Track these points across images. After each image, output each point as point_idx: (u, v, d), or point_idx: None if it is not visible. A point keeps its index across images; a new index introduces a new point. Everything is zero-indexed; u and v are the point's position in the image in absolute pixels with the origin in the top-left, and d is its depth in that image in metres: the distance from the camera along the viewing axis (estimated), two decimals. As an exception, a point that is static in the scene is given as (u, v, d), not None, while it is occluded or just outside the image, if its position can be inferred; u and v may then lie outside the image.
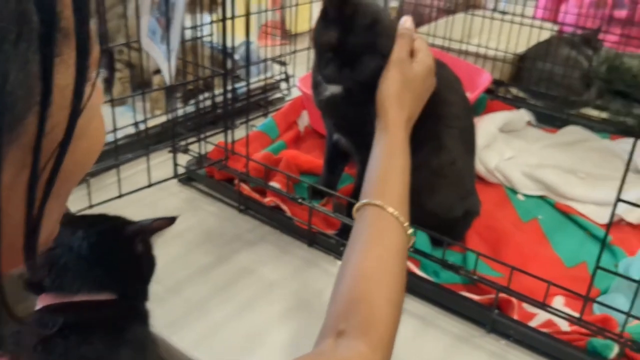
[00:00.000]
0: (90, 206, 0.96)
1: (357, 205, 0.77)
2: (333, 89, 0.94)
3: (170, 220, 0.74)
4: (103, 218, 0.75)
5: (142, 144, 1.14)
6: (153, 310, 0.74)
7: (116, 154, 0.94)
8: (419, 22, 1.82)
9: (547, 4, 2.40)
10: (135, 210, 1.12)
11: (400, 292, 0.70)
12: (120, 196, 0.93)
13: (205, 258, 1.01)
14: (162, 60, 1.00)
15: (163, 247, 1.05)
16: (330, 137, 1.07)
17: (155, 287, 0.91)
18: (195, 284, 0.96)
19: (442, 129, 0.98)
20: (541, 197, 1.26)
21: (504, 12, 1.70)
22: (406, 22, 0.89)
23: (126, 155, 1.14)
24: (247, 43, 1.25)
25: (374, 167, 0.80)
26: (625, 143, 1.43)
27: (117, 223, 0.74)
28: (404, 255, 0.73)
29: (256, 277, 0.98)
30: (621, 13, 2.01)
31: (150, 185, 0.97)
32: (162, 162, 1.18)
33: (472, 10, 1.87)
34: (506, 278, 0.88)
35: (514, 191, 1.27)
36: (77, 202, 0.95)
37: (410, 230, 0.75)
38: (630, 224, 1.16)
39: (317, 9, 1.36)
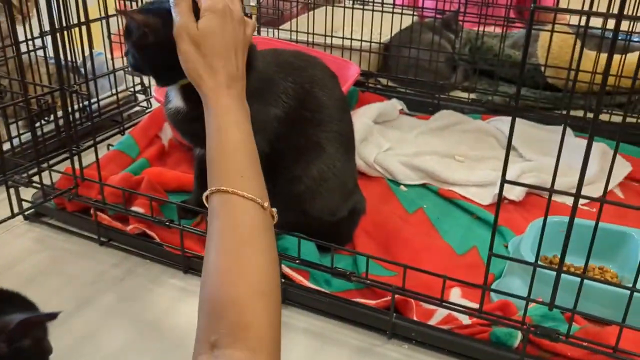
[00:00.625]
0: None
1: (204, 196, 0.68)
2: (176, 103, 0.87)
3: (50, 316, 0.59)
4: None
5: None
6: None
7: None
8: (280, 20, 1.75)
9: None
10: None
11: (271, 277, 0.62)
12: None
13: (65, 305, 0.86)
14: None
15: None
16: (197, 151, 0.97)
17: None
18: (54, 337, 0.81)
19: (321, 134, 0.92)
20: (423, 186, 1.23)
21: (364, 2, 1.66)
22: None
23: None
24: (90, 54, 1.12)
25: (208, 149, 0.71)
26: (497, 121, 1.44)
27: None
28: (266, 234, 0.66)
29: (127, 318, 0.85)
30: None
31: (-19, 231, 0.81)
32: (3, 200, 1.01)
33: (333, 3, 1.83)
34: (400, 277, 0.82)
35: (396, 183, 1.22)
36: None
37: (266, 203, 0.67)
38: (512, 202, 1.16)
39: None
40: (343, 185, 0.98)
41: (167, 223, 0.92)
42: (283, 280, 0.88)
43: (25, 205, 1.01)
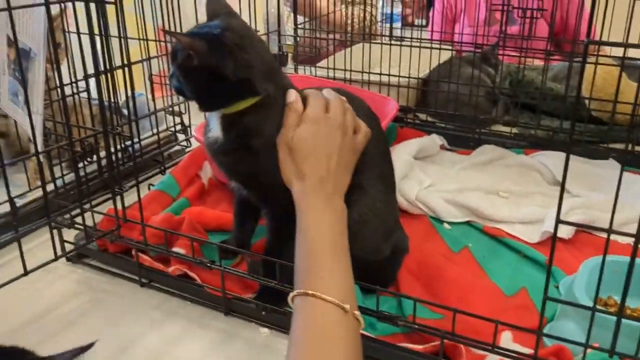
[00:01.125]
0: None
1: (289, 297, 0.71)
2: (215, 133, 0.86)
3: (87, 347, 0.59)
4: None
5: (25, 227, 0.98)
6: None
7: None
8: (317, 58, 1.76)
9: (440, 27, 2.43)
10: (17, 301, 0.96)
11: None
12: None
13: (105, 347, 0.86)
14: (27, 123, 0.85)
15: (55, 338, 0.89)
16: (235, 189, 0.96)
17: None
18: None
19: (361, 177, 0.90)
20: (468, 223, 1.19)
21: (401, 38, 1.66)
22: (289, 97, 0.84)
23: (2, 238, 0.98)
24: (132, 95, 1.13)
25: (297, 247, 0.75)
26: (540, 156, 1.40)
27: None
28: (346, 338, 0.66)
29: (169, 361, 0.84)
30: (513, 29, 2.05)
31: (26, 273, 0.81)
32: (47, 241, 1.02)
33: (370, 39, 1.83)
34: (448, 319, 0.79)
35: (439, 220, 1.19)
36: None
37: (347, 306, 0.67)
38: (561, 240, 1.11)
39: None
40: (384, 225, 0.96)
41: (208, 264, 0.91)
42: (326, 323, 0.85)
43: (68, 247, 1.02)
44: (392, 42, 1.63)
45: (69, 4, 0.94)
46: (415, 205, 1.21)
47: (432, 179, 1.31)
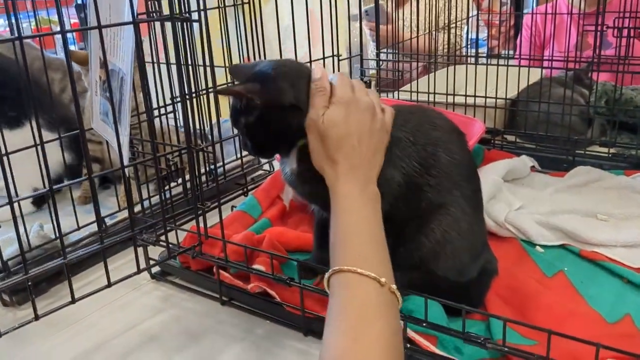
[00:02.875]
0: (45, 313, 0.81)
1: (325, 279, 0.70)
2: (291, 165, 0.86)
3: None
4: None
5: (111, 240, 1.01)
6: None
7: (64, 256, 0.79)
8: (399, 82, 1.73)
9: (529, 51, 2.35)
10: (104, 315, 0.99)
11: (391, 357, 0.62)
12: (73, 301, 0.79)
13: (185, 364, 0.85)
14: (115, 140, 0.88)
15: (137, 354, 0.90)
16: (315, 210, 0.96)
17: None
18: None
19: (445, 197, 0.88)
20: (562, 247, 1.11)
21: (487, 60, 1.61)
22: (315, 73, 0.82)
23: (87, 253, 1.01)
24: (217, 121, 1.16)
25: (331, 234, 0.75)
26: (643, 176, 1.30)
27: None
28: (385, 311, 0.66)
29: (246, 380, 0.82)
30: (607, 53, 1.95)
31: (110, 285, 0.82)
32: (134, 260, 1.04)
33: (455, 62, 1.80)
34: (541, 345, 0.72)
35: (531, 243, 1.12)
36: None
37: (383, 279, 0.67)
38: (669, 264, 1.01)
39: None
40: (470, 246, 0.91)
41: (288, 281, 0.89)
42: (408, 345, 0.81)
43: (152, 263, 1.03)
44: (477, 67, 1.59)
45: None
46: (505, 228, 1.14)
47: (522, 201, 1.24)
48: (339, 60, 1.49)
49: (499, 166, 1.34)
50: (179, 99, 1.00)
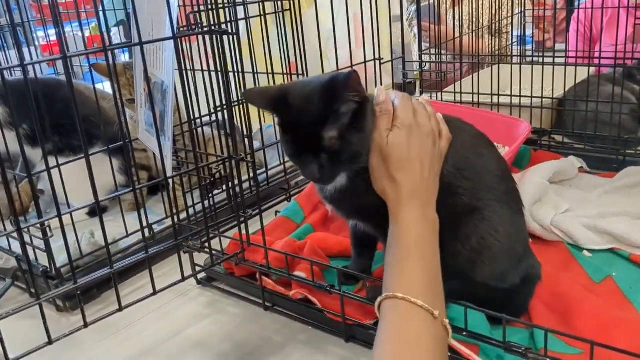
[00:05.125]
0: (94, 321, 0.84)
1: (376, 303, 0.70)
2: (333, 185, 0.85)
3: None
4: None
5: (155, 249, 1.04)
6: None
7: (110, 265, 0.82)
8: (443, 83, 1.72)
9: (579, 46, 2.28)
10: (151, 321, 1.02)
11: None
12: (120, 309, 0.82)
13: (228, 370, 0.87)
14: (162, 151, 0.91)
15: (181, 357, 0.93)
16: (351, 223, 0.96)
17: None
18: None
19: (478, 202, 0.86)
20: (611, 251, 1.08)
21: (541, 54, 1.58)
22: (379, 96, 0.82)
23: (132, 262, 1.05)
24: (260, 127, 1.17)
25: (386, 255, 0.75)
26: (698, 177, 1.25)
27: None
28: (433, 344, 0.65)
29: (287, 386, 0.83)
30: (660, 45, 1.87)
31: (155, 293, 0.85)
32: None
33: (499, 61, 1.77)
34: (586, 354, 0.71)
35: (579, 248, 1.10)
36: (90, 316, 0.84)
37: (437, 312, 0.67)
38: None
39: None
40: (510, 250, 0.89)
41: (328, 288, 0.90)
42: (450, 354, 0.80)
43: (197, 270, 1.06)
44: (524, 62, 1.56)
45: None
46: (551, 231, 1.12)
47: (569, 203, 1.21)
48: (381, 63, 1.49)
49: (546, 167, 1.31)
50: (220, 108, 1.03)
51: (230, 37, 0.92)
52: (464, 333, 0.78)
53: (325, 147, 0.76)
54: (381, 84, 1.53)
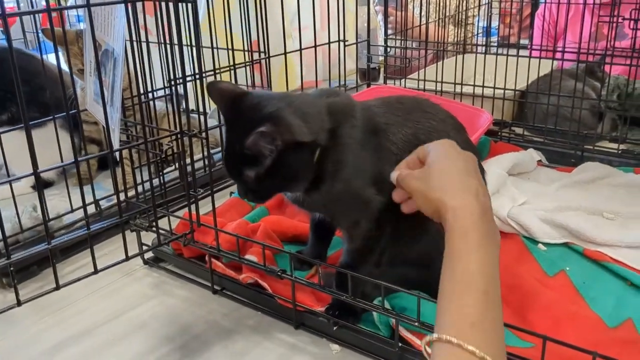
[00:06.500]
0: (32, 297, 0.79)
1: (424, 341, 0.60)
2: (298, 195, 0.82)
3: None
4: None
5: (98, 225, 1.00)
6: None
7: (48, 241, 0.77)
8: (407, 70, 1.70)
9: (542, 41, 2.29)
10: (94, 301, 0.97)
11: None
12: (57, 287, 0.77)
13: (173, 355, 0.83)
14: (109, 122, 0.86)
15: (123, 342, 0.89)
16: None
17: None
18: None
19: None
20: (566, 245, 1.08)
21: (497, 53, 1.57)
22: (394, 177, 0.76)
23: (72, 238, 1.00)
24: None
25: (442, 279, 0.63)
26: (653, 175, 1.26)
27: None
28: None
29: (232, 373, 0.80)
30: (623, 44, 1.89)
31: (96, 272, 0.80)
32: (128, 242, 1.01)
33: (464, 51, 1.75)
34: (537, 349, 0.70)
35: (534, 241, 1.09)
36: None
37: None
38: (680, 268, 0.98)
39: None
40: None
41: (279, 273, 0.87)
42: (400, 344, 0.79)
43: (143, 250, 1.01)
44: (489, 53, 1.55)
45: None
46: (507, 223, 1.11)
47: (527, 196, 1.21)
48: (345, 45, 1.46)
49: (505, 159, 1.31)
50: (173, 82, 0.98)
51: (187, 5, 0.86)
52: (416, 323, 0.76)
53: (245, 180, 0.76)
54: (344, 68, 1.50)
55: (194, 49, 0.91)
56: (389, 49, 1.67)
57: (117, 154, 1.16)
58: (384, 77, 1.75)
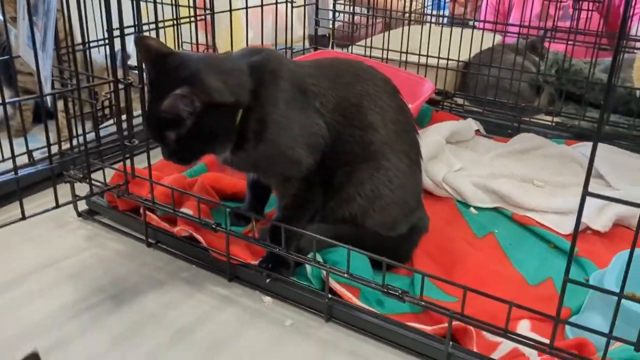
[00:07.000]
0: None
1: None
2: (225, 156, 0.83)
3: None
4: None
5: (40, 175, 0.97)
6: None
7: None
8: (355, 37, 1.70)
9: (490, 17, 2.33)
10: (23, 250, 0.95)
11: None
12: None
13: (103, 304, 0.83)
14: (40, 68, 0.83)
15: (53, 291, 0.87)
16: None
17: (39, 343, 0.74)
18: (88, 336, 0.77)
19: (375, 152, 0.86)
20: (496, 210, 1.12)
21: (443, 24, 1.59)
22: None
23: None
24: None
25: None
26: (583, 147, 1.32)
27: None
28: None
29: (164, 323, 0.80)
30: (565, 24, 1.94)
31: (24, 218, 0.78)
32: (61, 196, 0.99)
33: (409, 22, 1.77)
34: (460, 302, 0.73)
35: (466, 205, 1.13)
36: None
37: None
38: (596, 233, 1.03)
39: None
40: (402, 202, 0.91)
41: (214, 226, 0.87)
42: (330, 296, 0.80)
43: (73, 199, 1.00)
44: (434, 27, 1.57)
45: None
46: (442, 187, 1.14)
47: (463, 163, 1.24)
48: (292, 6, 1.45)
49: (444, 127, 1.34)
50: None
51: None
52: (345, 275, 0.78)
53: (167, 142, 0.76)
54: (292, 29, 1.49)
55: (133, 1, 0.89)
56: (337, 14, 1.67)
57: (52, 105, 1.13)
58: (332, 43, 1.75)
